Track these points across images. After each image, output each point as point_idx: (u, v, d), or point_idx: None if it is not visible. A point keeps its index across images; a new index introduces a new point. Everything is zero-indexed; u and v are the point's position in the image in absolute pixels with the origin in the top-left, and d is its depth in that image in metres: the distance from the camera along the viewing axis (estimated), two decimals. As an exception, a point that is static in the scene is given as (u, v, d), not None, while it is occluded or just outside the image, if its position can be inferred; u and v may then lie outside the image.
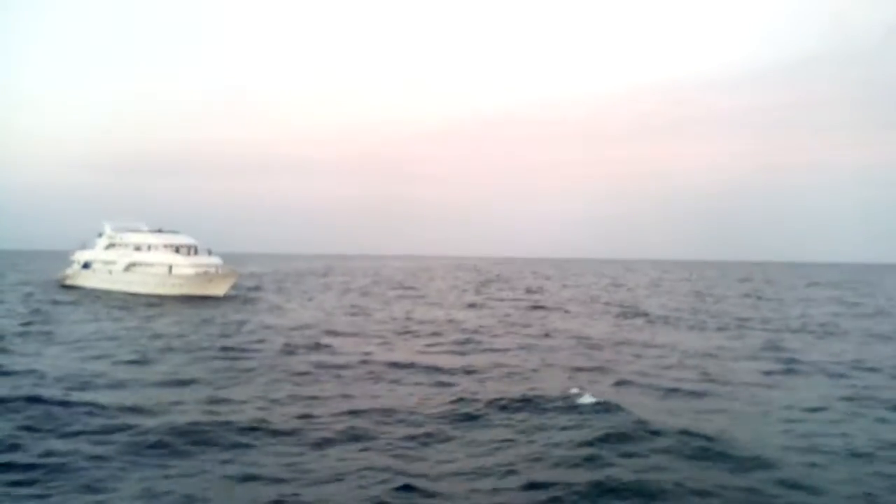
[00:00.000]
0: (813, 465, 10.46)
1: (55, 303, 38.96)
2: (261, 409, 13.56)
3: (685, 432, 11.74)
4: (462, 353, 22.01)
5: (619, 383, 16.80)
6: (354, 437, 11.68)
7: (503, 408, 13.89)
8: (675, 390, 16.07)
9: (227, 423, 12.21)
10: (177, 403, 13.81)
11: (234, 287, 47.25)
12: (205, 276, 45.10)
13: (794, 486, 9.45)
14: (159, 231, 49.58)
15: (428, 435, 11.89)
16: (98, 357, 19.77)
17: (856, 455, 10.97)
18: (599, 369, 18.92)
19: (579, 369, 18.89)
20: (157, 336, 24.70)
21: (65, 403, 13.32)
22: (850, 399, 15.38)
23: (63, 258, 59.85)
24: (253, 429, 11.89)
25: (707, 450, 10.89)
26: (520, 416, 13.31)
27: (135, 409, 13.12)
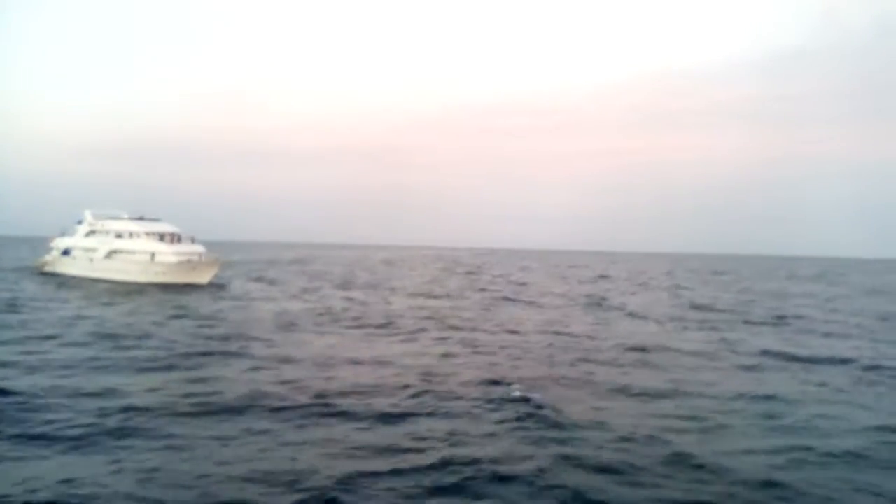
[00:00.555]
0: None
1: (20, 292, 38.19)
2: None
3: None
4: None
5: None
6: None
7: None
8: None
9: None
10: None
11: (216, 276, 46.62)
12: (188, 265, 44.41)
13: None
14: (141, 219, 48.73)
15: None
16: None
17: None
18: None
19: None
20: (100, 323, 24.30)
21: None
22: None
23: (43, 244, 58.69)
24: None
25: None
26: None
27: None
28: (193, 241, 47.50)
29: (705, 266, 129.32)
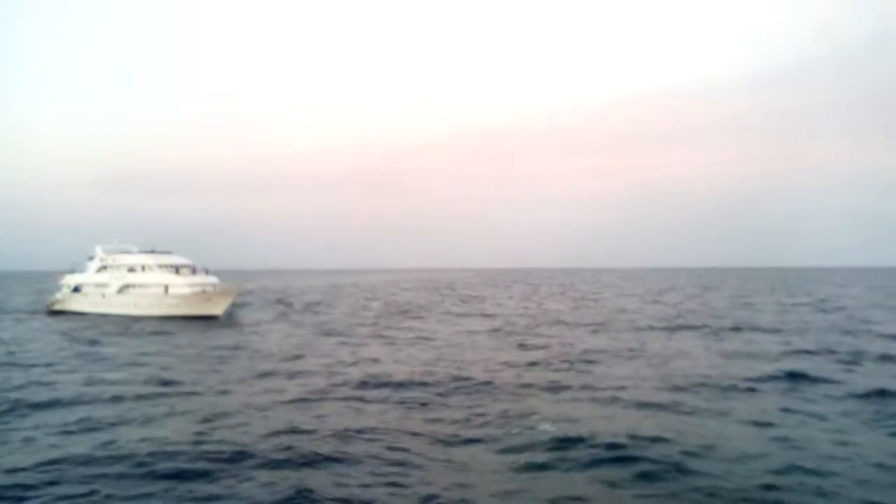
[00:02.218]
0: None
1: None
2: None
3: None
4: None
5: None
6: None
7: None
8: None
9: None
10: None
11: (232, 305, 45.82)
12: (202, 296, 43.65)
13: None
14: (152, 252, 48.15)
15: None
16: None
17: None
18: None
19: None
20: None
21: None
22: None
23: (35, 279, 58.12)
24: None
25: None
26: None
27: None
28: (207, 272, 46.86)
29: (692, 280, 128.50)
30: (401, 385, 18.04)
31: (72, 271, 53.39)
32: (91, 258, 51.38)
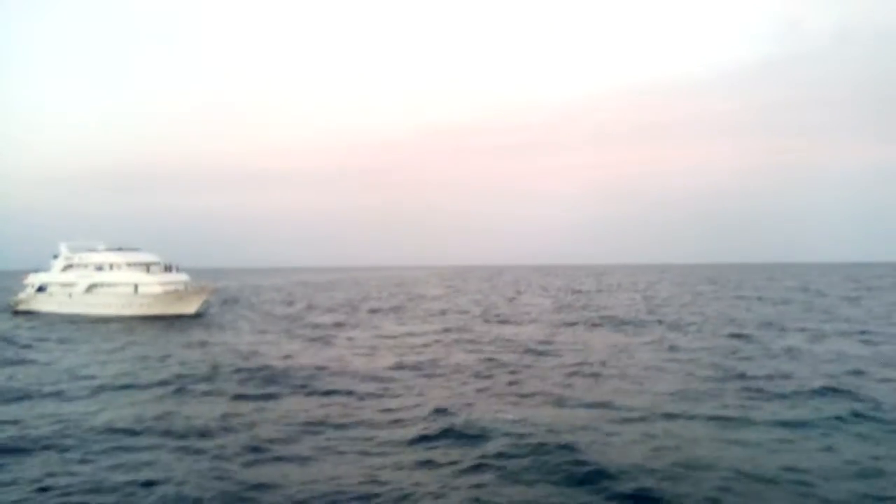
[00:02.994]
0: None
1: None
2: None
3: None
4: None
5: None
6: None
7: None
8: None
9: None
10: None
11: (205, 304, 44.92)
12: (174, 294, 42.65)
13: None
14: (119, 249, 46.82)
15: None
16: None
17: None
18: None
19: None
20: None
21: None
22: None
23: (15, 278, 56.17)
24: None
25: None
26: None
27: None
28: (177, 269, 45.74)
29: (649, 276, 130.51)
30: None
31: (36, 270, 51.75)
32: (56, 256, 49.84)
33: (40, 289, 50.04)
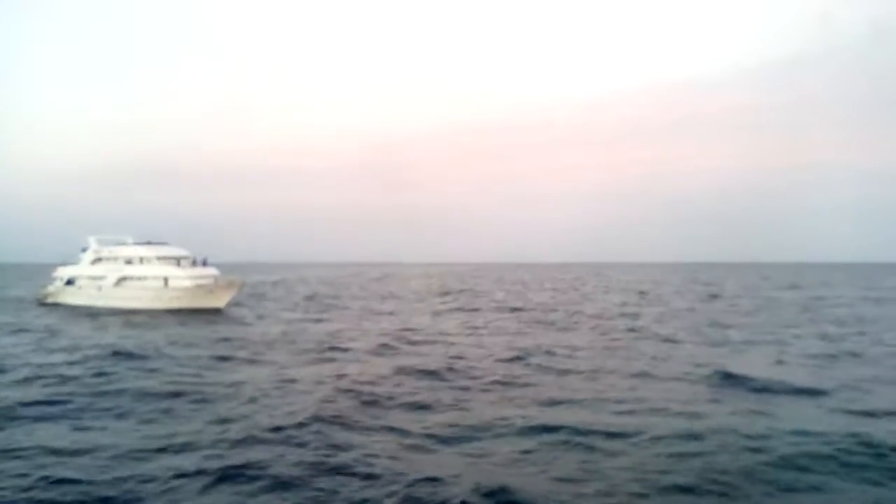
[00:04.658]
0: None
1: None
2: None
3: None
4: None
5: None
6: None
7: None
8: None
9: None
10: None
11: (235, 299, 44.58)
12: (204, 288, 42.36)
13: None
14: (148, 243, 46.62)
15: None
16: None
17: None
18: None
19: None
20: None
21: None
22: None
23: (38, 272, 56.36)
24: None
25: None
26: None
27: None
28: (206, 263, 45.46)
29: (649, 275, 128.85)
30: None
31: (63, 263, 51.75)
32: (84, 250, 49.78)
33: (69, 282, 50.04)
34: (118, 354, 21.93)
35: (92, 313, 40.98)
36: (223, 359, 21.43)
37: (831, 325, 31.49)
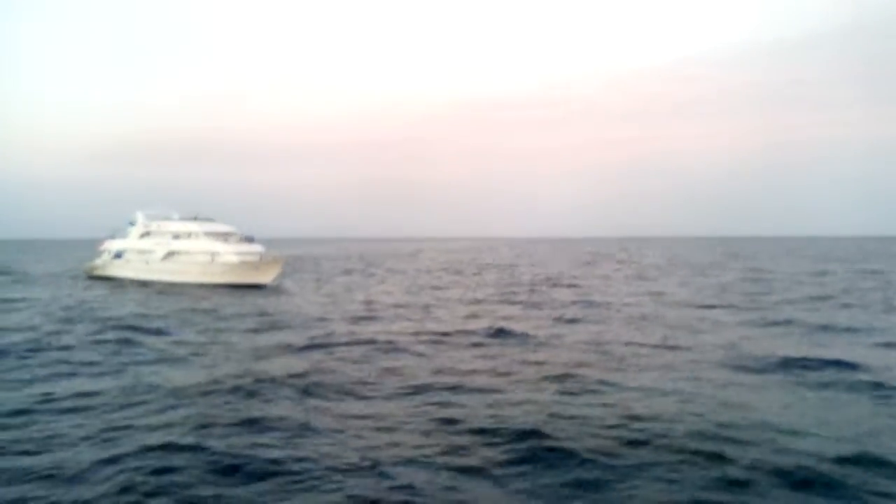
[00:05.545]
0: None
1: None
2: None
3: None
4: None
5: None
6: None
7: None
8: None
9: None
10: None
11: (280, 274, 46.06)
12: (250, 264, 43.87)
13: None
14: (195, 219, 48.21)
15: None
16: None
17: None
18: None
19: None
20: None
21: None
22: None
23: (76, 247, 58.44)
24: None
25: None
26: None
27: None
28: (252, 240, 46.93)
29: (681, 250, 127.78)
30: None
31: (111, 237, 53.60)
32: (132, 224, 51.51)
33: (116, 255, 51.94)
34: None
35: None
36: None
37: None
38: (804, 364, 15.61)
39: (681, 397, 12.64)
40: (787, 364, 15.65)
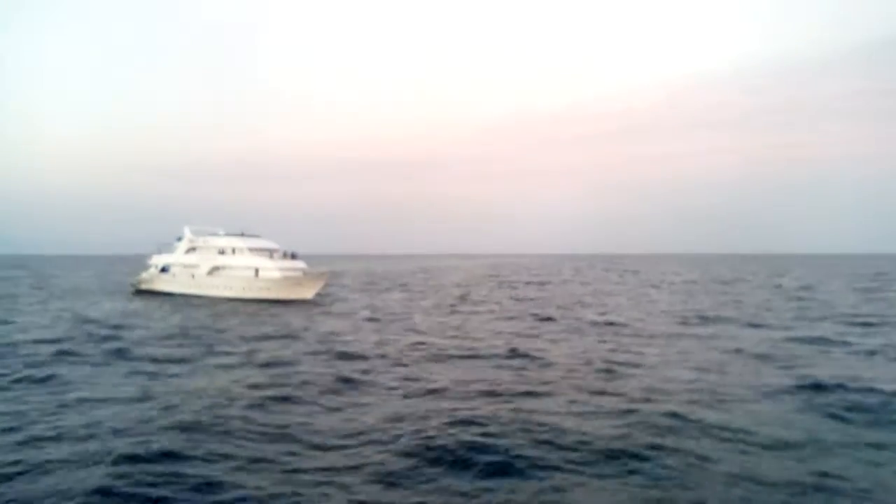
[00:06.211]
0: None
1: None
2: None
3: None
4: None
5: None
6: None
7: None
8: None
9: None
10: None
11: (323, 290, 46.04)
12: (293, 280, 43.96)
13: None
14: (241, 235, 48.74)
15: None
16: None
17: None
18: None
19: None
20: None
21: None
22: None
23: (118, 263, 59.64)
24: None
25: None
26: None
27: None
28: (295, 256, 47.19)
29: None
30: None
31: (158, 252, 54.58)
32: (179, 239, 52.37)
33: (163, 269, 52.85)
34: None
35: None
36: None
37: None
38: None
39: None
40: None
